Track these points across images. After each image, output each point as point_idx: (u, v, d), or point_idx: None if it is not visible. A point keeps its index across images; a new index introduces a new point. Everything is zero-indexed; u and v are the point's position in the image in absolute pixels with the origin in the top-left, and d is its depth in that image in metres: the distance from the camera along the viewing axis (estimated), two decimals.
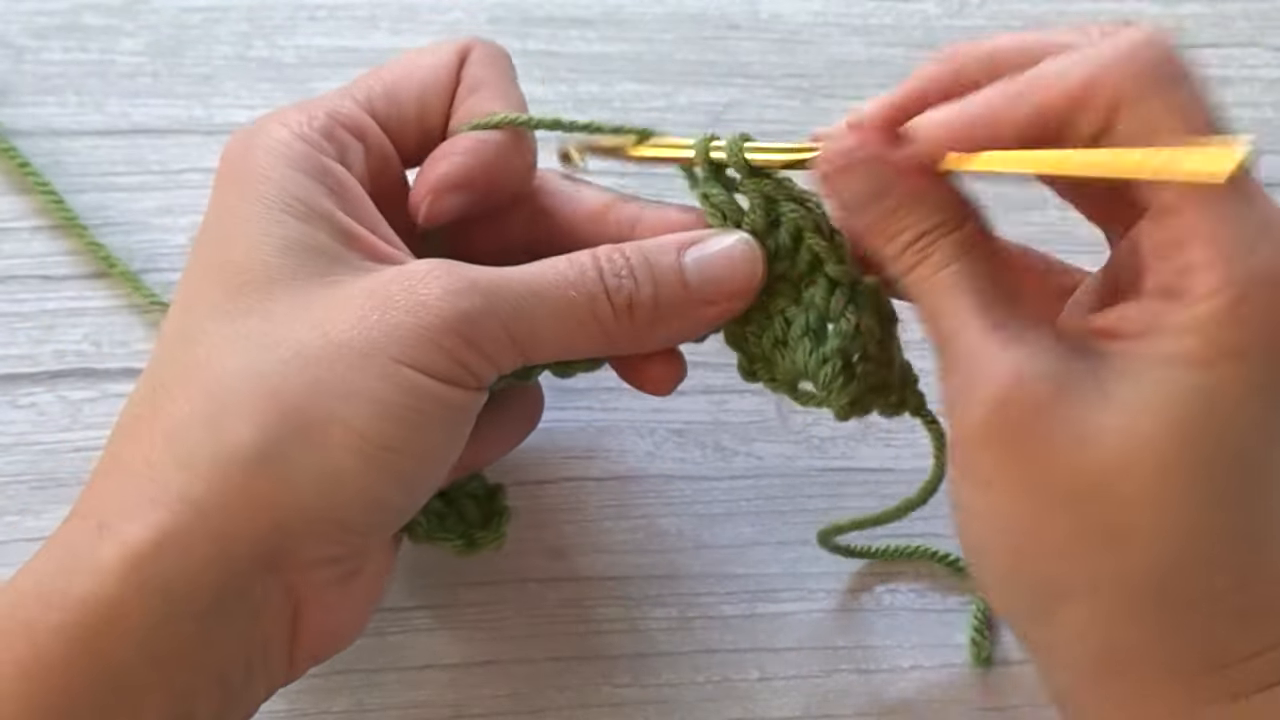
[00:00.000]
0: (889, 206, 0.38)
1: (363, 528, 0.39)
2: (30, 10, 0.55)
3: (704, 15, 0.57)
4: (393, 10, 0.57)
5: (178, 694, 0.36)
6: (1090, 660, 0.36)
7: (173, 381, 0.38)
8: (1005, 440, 0.36)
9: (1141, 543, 0.35)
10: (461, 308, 0.38)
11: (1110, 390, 0.35)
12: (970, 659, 0.48)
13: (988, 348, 0.36)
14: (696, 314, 0.41)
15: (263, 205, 0.39)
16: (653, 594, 0.48)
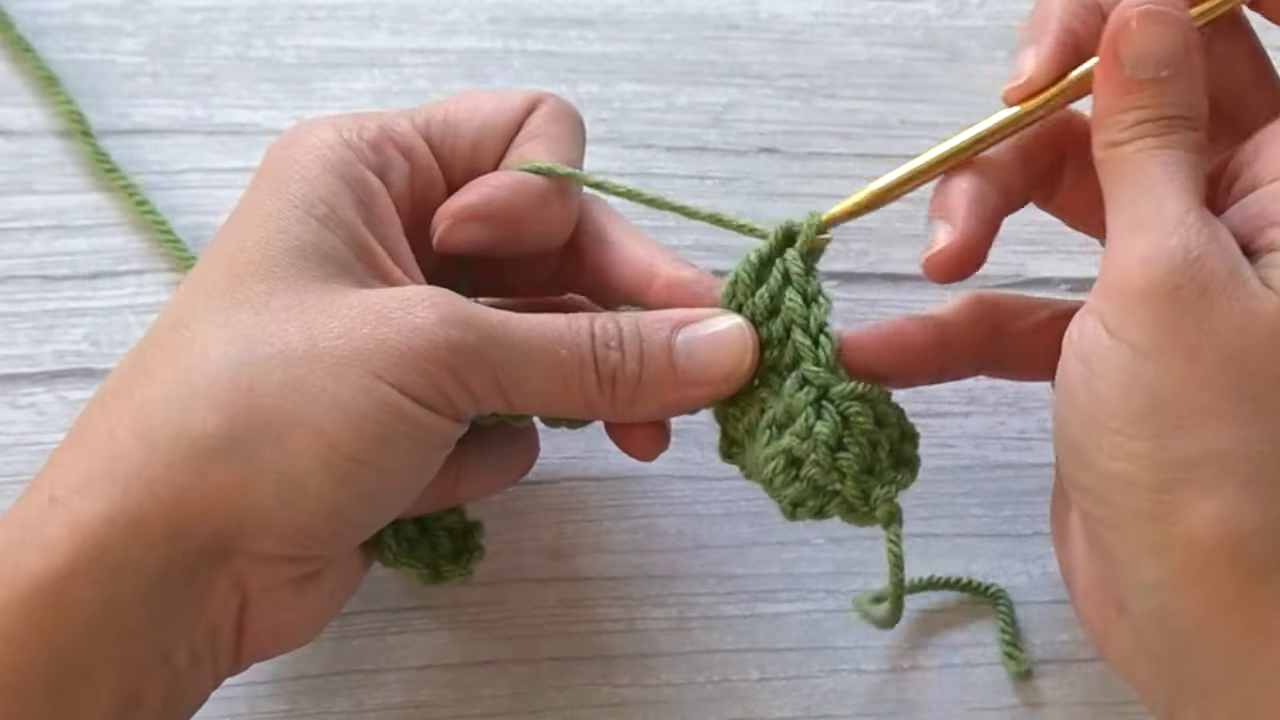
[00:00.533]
0: (1168, 75, 0.39)
1: (320, 534, 0.38)
2: (30, 10, 0.55)
3: (704, 15, 0.57)
4: (393, 10, 0.57)
5: (126, 674, 0.36)
6: (1204, 540, 0.36)
7: (153, 362, 0.38)
8: (1180, 300, 0.37)
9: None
10: (452, 338, 0.38)
11: (1268, 277, 0.37)
12: (1010, 672, 0.47)
13: (1189, 216, 0.38)
14: (681, 394, 0.41)
15: (287, 203, 0.39)
16: (653, 594, 0.48)
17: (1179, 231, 0.38)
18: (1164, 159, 0.39)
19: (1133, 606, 0.38)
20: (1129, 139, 0.40)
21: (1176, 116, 0.40)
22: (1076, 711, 0.47)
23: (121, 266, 0.52)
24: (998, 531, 0.50)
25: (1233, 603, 0.36)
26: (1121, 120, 0.40)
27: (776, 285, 0.41)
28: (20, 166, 0.53)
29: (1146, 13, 0.39)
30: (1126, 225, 0.39)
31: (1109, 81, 0.40)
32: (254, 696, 0.46)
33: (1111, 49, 0.40)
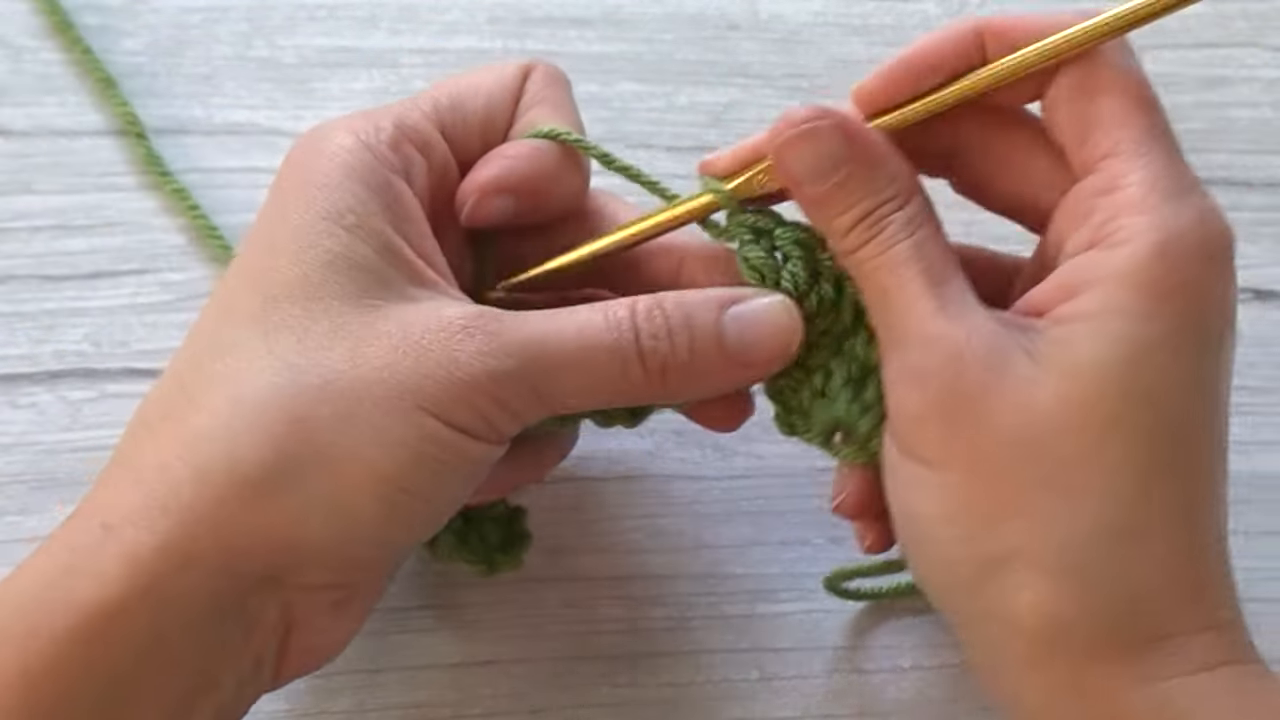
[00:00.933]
0: (842, 177, 0.39)
1: (367, 564, 0.39)
2: (30, 10, 0.55)
3: (704, 15, 0.57)
4: (393, 10, 0.57)
5: (174, 701, 0.37)
6: (1029, 631, 0.36)
7: (196, 388, 0.38)
8: (950, 414, 0.37)
9: (1083, 503, 0.36)
10: (491, 367, 0.37)
11: (1044, 356, 0.36)
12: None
13: (934, 326, 0.37)
14: (731, 376, 0.41)
15: (314, 214, 0.39)
16: (653, 594, 0.48)
17: (930, 345, 0.37)
18: (890, 261, 0.39)
19: (999, 694, 0.39)
20: (853, 246, 0.39)
21: (881, 203, 0.39)
22: None
23: (121, 266, 0.52)
24: None
25: (1068, 688, 0.36)
26: (839, 227, 0.39)
27: (800, 253, 0.41)
28: (20, 166, 0.53)
29: (792, 137, 0.39)
30: (887, 343, 0.39)
31: (803, 202, 0.40)
32: None
33: (786, 177, 0.40)
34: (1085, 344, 0.36)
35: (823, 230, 0.40)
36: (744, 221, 0.42)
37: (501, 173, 0.42)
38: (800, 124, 0.39)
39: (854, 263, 0.40)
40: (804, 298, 0.41)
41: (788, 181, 0.40)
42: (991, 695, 0.40)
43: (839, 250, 0.40)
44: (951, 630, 0.48)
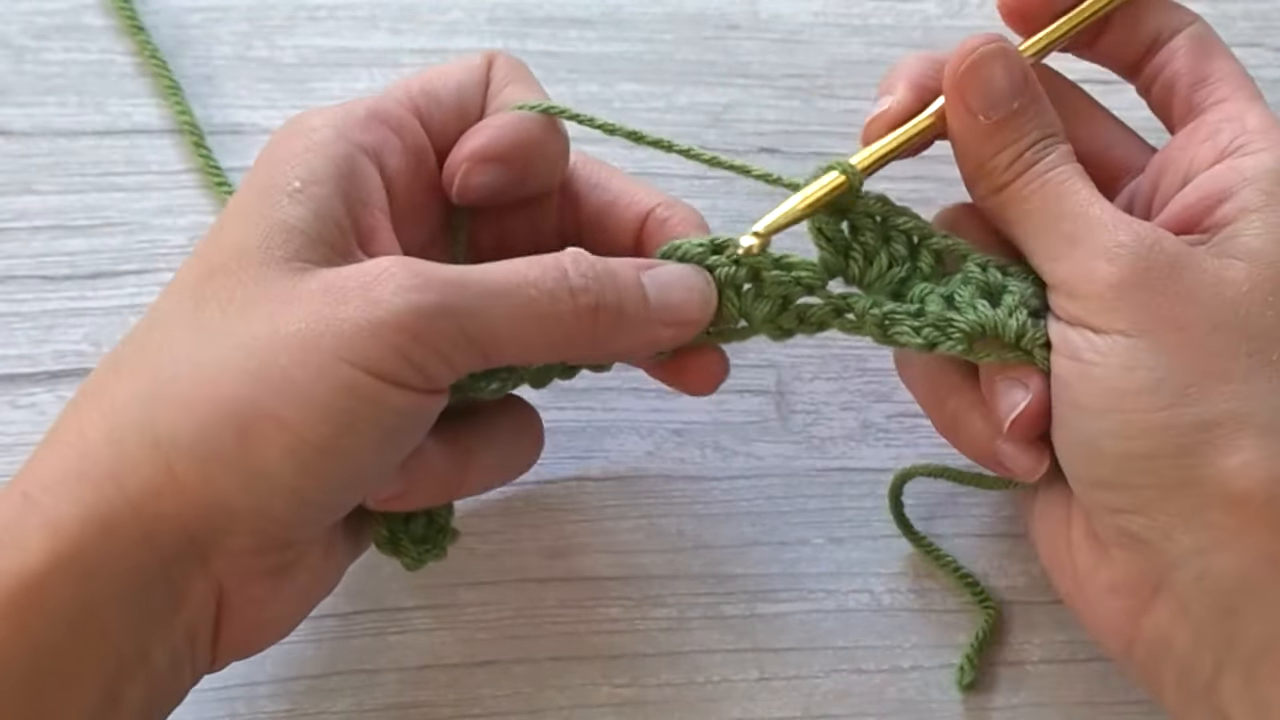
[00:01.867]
0: (1021, 104, 0.41)
1: (290, 524, 0.38)
2: (30, 10, 0.55)
3: (704, 15, 0.57)
4: (393, 10, 0.57)
5: (105, 673, 0.36)
6: (1238, 494, 0.37)
7: (124, 363, 0.38)
8: (1154, 281, 0.38)
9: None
10: (412, 301, 0.37)
11: (1223, 249, 0.39)
12: (956, 679, 0.47)
13: (1119, 215, 0.40)
14: (653, 333, 0.41)
15: (263, 186, 0.39)
16: (653, 594, 0.48)
17: (1123, 226, 0.40)
18: (1059, 177, 0.41)
19: (1174, 578, 0.38)
20: (1014, 176, 0.41)
21: (1046, 135, 0.41)
22: (1076, 711, 0.47)
23: (121, 266, 0.52)
24: (998, 531, 0.50)
25: (1274, 556, 0.37)
26: (999, 162, 0.41)
27: (871, 225, 0.43)
28: (20, 166, 0.53)
29: (978, 59, 0.41)
30: (1061, 242, 0.40)
31: (969, 133, 0.42)
32: (254, 697, 0.46)
33: (959, 103, 0.41)
34: (1261, 233, 0.39)
35: (974, 165, 0.42)
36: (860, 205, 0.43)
37: (490, 141, 0.42)
38: (980, 50, 0.41)
39: (1010, 192, 0.41)
40: (873, 260, 0.43)
41: (961, 112, 0.42)
42: (1127, 619, 0.40)
43: (993, 184, 0.42)
44: (955, 629, 0.48)
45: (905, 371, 0.45)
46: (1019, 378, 0.41)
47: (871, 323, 0.43)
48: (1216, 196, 0.40)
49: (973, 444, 0.43)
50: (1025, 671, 0.48)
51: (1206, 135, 0.42)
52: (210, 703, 0.46)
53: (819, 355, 0.52)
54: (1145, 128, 0.47)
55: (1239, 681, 0.38)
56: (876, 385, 0.51)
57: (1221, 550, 0.37)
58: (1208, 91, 0.43)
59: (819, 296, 0.43)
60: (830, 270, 0.43)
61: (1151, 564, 0.39)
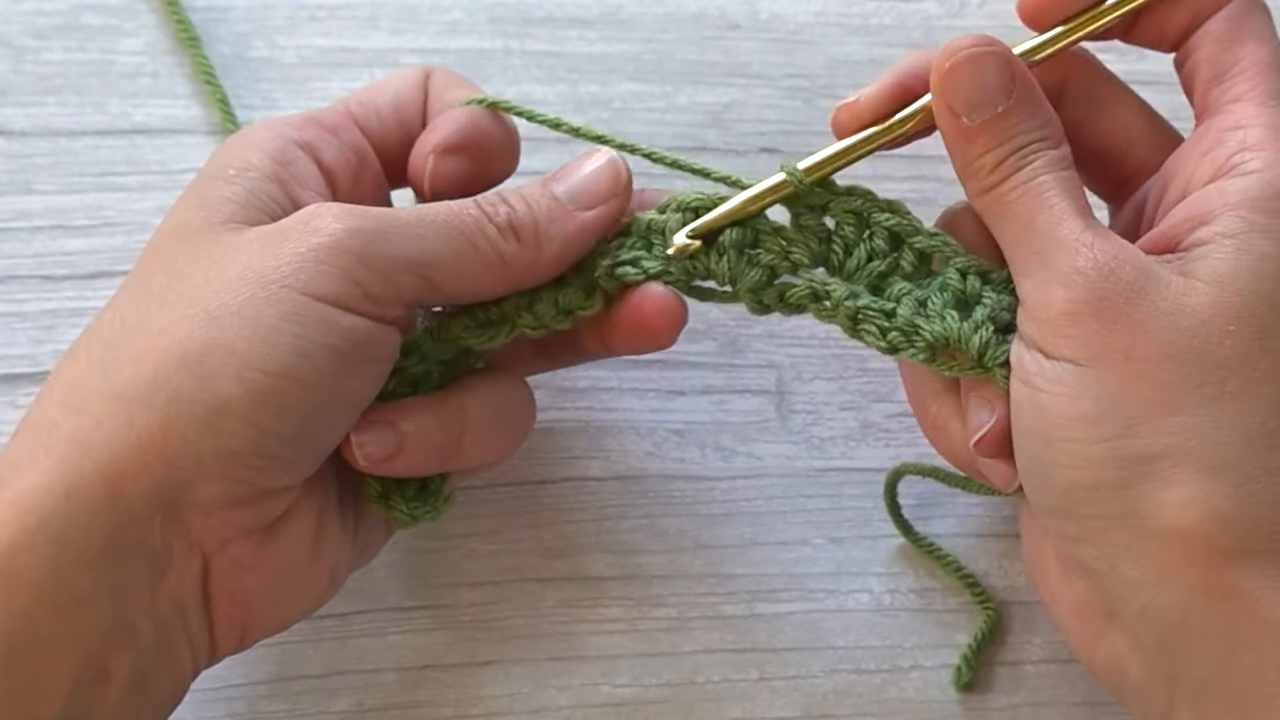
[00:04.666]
0: (1006, 109, 0.40)
1: (253, 460, 0.38)
2: (30, 10, 0.55)
3: (704, 15, 0.57)
4: (393, 10, 0.57)
5: (87, 645, 0.36)
6: (1178, 530, 0.36)
7: (78, 348, 0.39)
8: (1106, 310, 0.38)
9: (1238, 405, 0.37)
10: (351, 226, 0.39)
11: (1192, 271, 0.38)
12: (953, 680, 0.47)
13: (1085, 236, 0.39)
14: (577, 222, 0.42)
15: (202, 179, 0.42)
16: (653, 594, 0.48)
17: (1083, 251, 0.39)
18: (1038, 188, 0.40)
19: (1121, 610, 0.38)
20: (996, 180, 0.41)
21: (1030, 143, 0.41)
22: (1076, 711, 0.47)
23: (121, 266, 0.52)
24: (998, 531, 0.50)
25: (1214, 592, 0.36)
26: (981, 165, 0.41)
27: (852, 220, 0.43)
28: (20, 166, 0.53)
29: (961, 60, 0.41)
30: (1030, 258, 0.40)
31: (953, 133, 0.41)
32: (254, 697, 0.46)
33: (943, 103, 0.41)
34: (1231, 259, 0.38)
35: (960, 164, 0.42)
36: (805, 201, 0.43)
37: (451, 133, 0.44)
38: (966, 50, 0.41)
39: (994, 196, 0.41)
40: (852, 251, 0.43)
41: (945, 112, 0.41)
42: (1089, 640, 0.40)
43: (978, 188, 0.41)
44: (955, 629, 0.48)
45: (901, 370, 0.46)
46: (987, 398, 0.41)
47: (844, 314, 0.43)
48: (1198, 219, 0.39)
49: (952, 451, 0.43)
50: (1025, 671, 0.48)
51: (1209, 146, 0.41)
52: (210, 703, 0.46)
53: (819, 355, 0.52)
54: None
55: (1190, 713, 0.37)
56: (876, 385, 0.51)
57: (1163, 584, 0.37)
58: (1224, 89, 0.42)
59: (800, 277, 0.43)
60: (814, 257, 0.44)
61: (1102, 593, 0.39)
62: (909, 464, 0.48)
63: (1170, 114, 0.46)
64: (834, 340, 0.52)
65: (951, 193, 0.46)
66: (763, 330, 0.52)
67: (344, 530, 0.42)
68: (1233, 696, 0.36)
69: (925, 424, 0.44)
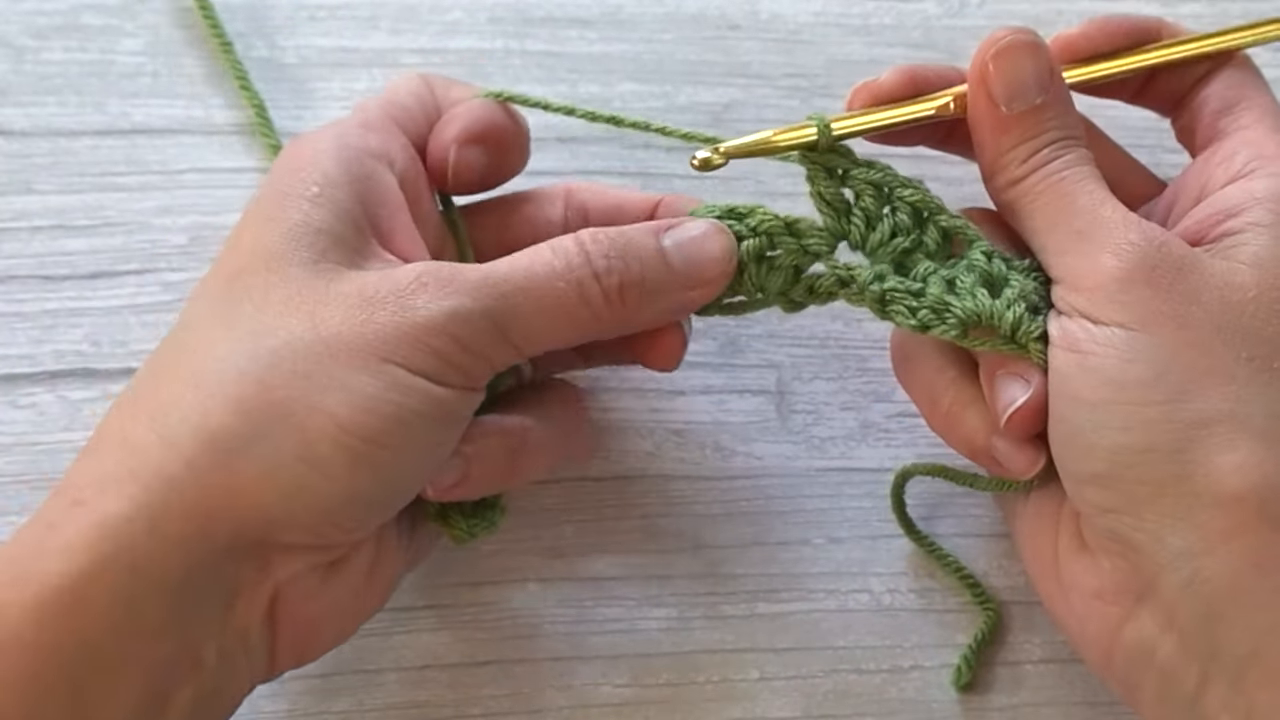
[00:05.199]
0: (1044, 102, 0.41)
1: (340, 520, 0.39)
2: (30, 10, 0.55)
3: (704, 15, 0.57)
4: (393, 10, 0.57)
5: (152, 673, 0.36)
6: (1230, 495, 0.37)
7: (162, 367, 0.39)
8: (1159, 278, 0.39)
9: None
10: (448, 309, 0.38)
11: (1229, 255, 0.40)
12: (953, 680, 0.47)
13: (1130, 215, 0.40)
14: (681, 297, 0.42)
15: (280, 192, 0.41)
16: (653, 594, 0.48)
17: (1133, 226, 0.40)
18: (1074, 176, 0.41)
19: (1160, 584, 0.38)
20: (1029, 171, 0.41)
21: (1065, 136, 0.42)
22: (1076, 711, 0.47)
23: (121, 266, 0.52)
24: (998, 531, 0.50)
25: (1264, 560, 0.37)
26: (1015, 156, 0.42)
27: (871, 191, 0.43)
28: (20, 166, 0.53)
29: (1006, 47, 0.41)
30: (1070, 236, 0.40)
31: (989, 122, 0.42)
32: (254, 697, 0.46)
33: (983, 91, 0.42)
34: (1270, 244, 0.39)
35: (991, 156, 0.42)
36: (823, 160, 0.44)
37: (468, 124, 0.44)
38: (1009, 40, 0.41)
39: (1024, 188, 0.41)
40: (875, 225, 0.43)
41: (982, 100, 0.42)
42: (1107, 629, 0.40)
43: (1007, 180, 0.42)
44: (955, 629, 0.48)
45: (901, 369, 0.45)
46: (1019, 373, 0.41)
47: (871, 297, 0.43)
48: (1226, 213, 0.41)
49: (967, 441, 0.43)
50: (1025, 671, 0.48)
51: (1223, 158, 0.42)
52: None
53: (819, 355, 0.52)
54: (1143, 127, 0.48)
55: (1225, 689, 0.37)
56: (876, 385, 0.51)
57: (1211, 554, 0.37)
58: (1232, 119, 0.44)
59: (826, 265, 0.43)
60: (833, 234, 0.44)
61: (1139, 569, 0.38)
62: (917, 465, 0.48)
63: (1144, 127, 0.47)
64: (834, 340, 0.52)
65: (952, 194, 0.46)
66: (763, 330, 0.52)
67: (400, 548, 0.43)
68: (1273, 672, 0.36)
69: (936, 415, 0.44)
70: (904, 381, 0.45)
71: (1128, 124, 0.49)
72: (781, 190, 0.54)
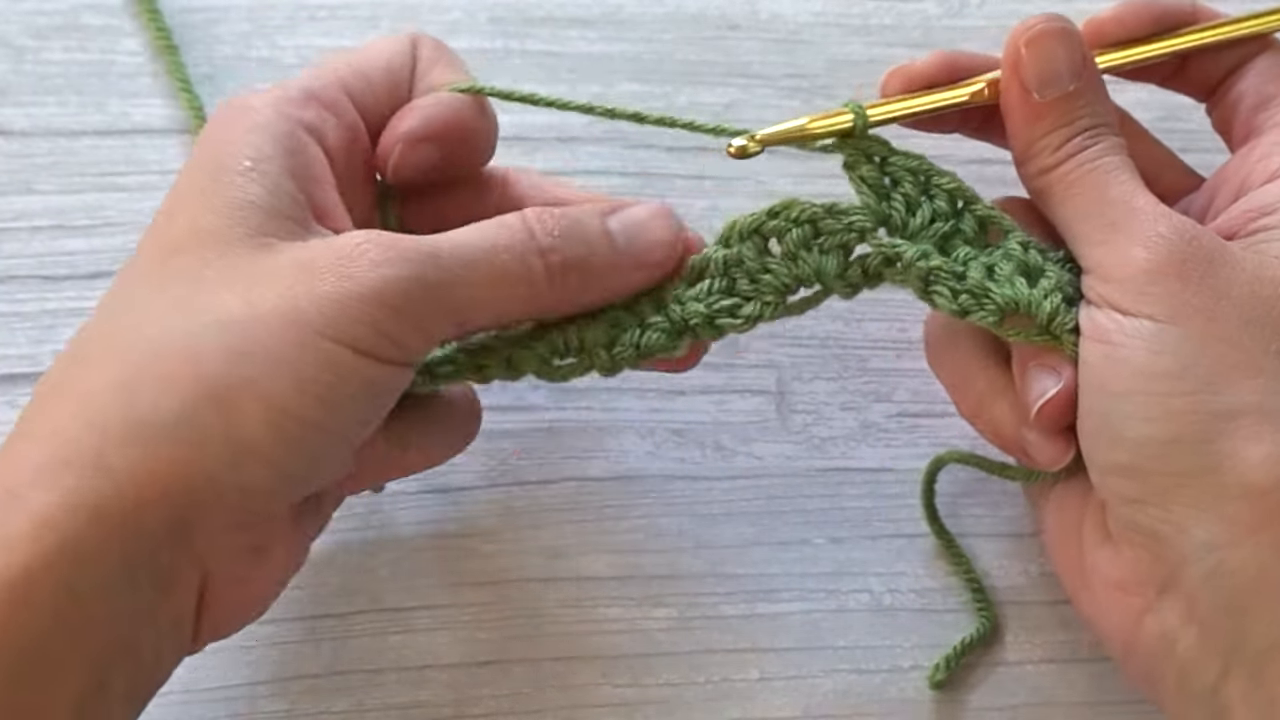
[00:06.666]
0: (1076, 89, 0.41)
1: (270, 499, 0.38)
2: (30, 10, 0.55)
3: (704, 15, 0.57)
4: (393, 10, 0.57)
5: (93, 664, 0.36)
6: (1258, 486, 0.37)
7: (92, 351, 0.38)
8: (1190, 271, 0.39)
9: None
10: (388, 276, 0.38)
11: (1262, 250, 0.40)
12: (929, 678, 0.47)
13: (1161, 207, 0.40)
14: (624, 279, 0.42)
15: (212, 167, 0.40)
16: (653, 594, 0.48)
17: (1164, 219, 0.40)
18: (1106, 166, 0.41)
19: (1183, 575, 0.38)
20: (1061, 159, 0.41)
21: (1098, 125, 0.42)
22: (1076, 711, 0.47)
23: (121, 266, 0.52)
24: (998, 531, 0.50)
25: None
26: (1047, 144, 0.42)
27: (910, 178, 0.43)
28: (20, 166, 0.53)
29: (1039, 34, 0.41)
30: (1102, 227, 0.41)
31: (1021, 110, 0.42)
32: (254, 697, 0.46)
33: (1015, 78, 0.42)
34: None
35: (1023, 144, 0.42)
36: (860, 146, 0.43)
37: (422, 122, 0.43)
38: (1043, 26, 0.41)
39: (1057, 175, 0.41)
40: (915, 211, 0.43)
41: (1015, 87, 0.42)
42: (1129, 618, 0.40)
43: (1039, 167, 0.42)
44: (955, 629, 0.48)
45: (933, 354, 0.45)
46: (1052, 365, 0.41)
47: (916, 275, 0.43)
48: (1261, 209, 0.41)
49: (997, 429, 0.43)
50: (1025, 671, 0.48)
51: (1261, 156, 0.42)
52: (210, 703, 0.46)
53: (819, 355, 0.52)
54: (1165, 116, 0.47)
55: (1245, 682, 0.37)
56: (876, 385, 0.51)
57: (1236, 546, 0.37)
58: (1269, 114, 0.44)
59: (871, 245, 0.43)
60: (875, 216, 0.43)
61: (1162, 560, 0.39)
62: (951, 453, 0.48)
63: (1167, 112, 0.46)
64: (834, 340, 0.52)
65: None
66: (763, 330, 0.51)
67: (313, 514, 0.42)
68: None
69: (966, 402, 0.44)
70: (936, 366, 0.45)
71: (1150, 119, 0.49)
72: (782, 190, 0.54)
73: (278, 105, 0.41)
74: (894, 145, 0.44)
